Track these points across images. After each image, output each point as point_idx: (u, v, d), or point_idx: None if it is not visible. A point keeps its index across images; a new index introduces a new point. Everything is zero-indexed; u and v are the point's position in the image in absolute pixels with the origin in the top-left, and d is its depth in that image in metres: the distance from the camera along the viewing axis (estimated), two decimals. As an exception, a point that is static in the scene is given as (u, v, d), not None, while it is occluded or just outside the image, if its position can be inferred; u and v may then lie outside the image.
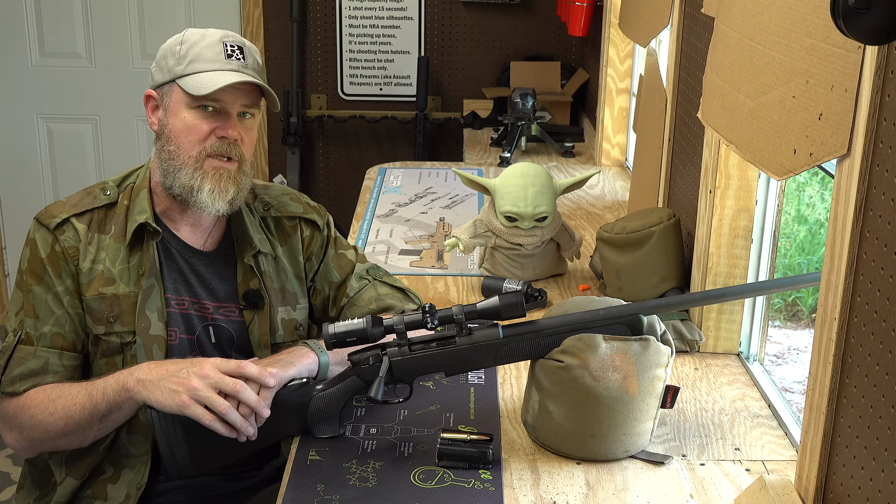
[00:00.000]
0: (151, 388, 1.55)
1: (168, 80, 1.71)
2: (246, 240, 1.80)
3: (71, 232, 1.71)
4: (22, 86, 4.55)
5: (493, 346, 1.57)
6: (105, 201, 1.75)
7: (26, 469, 1.82)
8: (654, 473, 1.54)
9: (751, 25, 1.55)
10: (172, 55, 1.72)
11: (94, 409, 1.62)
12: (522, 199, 2.20)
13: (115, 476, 1.74)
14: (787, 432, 1.67)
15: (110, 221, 1.74)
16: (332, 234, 1.93)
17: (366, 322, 1.56)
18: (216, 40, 1.71)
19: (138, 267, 1.72)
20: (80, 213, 1.73)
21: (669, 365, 1.56)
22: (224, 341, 1.80)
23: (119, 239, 1.73)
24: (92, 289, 1.71)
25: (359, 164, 4.60)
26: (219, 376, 1.53)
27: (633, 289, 2.08)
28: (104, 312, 1.70)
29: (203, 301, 1.78)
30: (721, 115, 1.69)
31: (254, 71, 1.72)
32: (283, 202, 1.89)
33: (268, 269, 1.83)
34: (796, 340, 4.17)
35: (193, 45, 1.71)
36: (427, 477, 1.51)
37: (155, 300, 1.72)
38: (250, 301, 1.80)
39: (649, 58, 2.62)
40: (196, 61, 1.69)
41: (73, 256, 1.71)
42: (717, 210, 1.91)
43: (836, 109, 1.21)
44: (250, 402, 1.54)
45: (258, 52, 1.77)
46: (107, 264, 1.71)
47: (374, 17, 4.48)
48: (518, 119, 3.54)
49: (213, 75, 1.67)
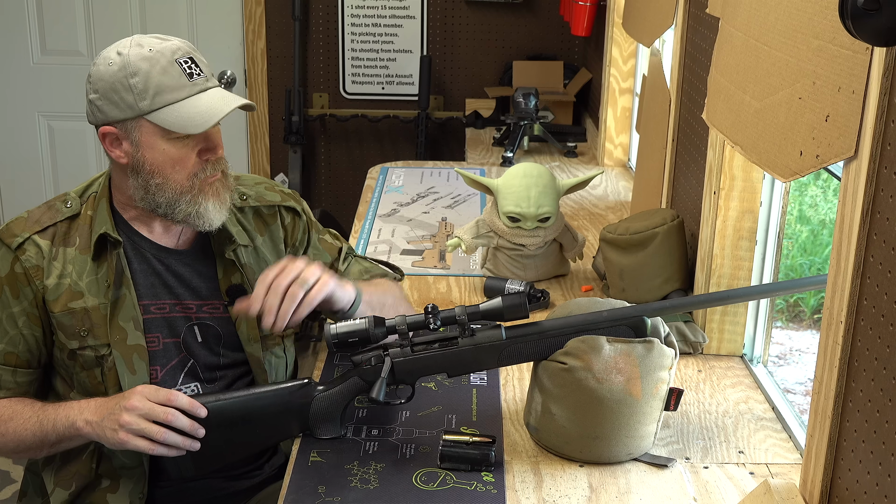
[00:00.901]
0: (97, 429, 1.59)
1: (131, 116, 1.61)
2: (224, 234, 1.76)
3: (33, 250, 1.67)
4: (23, 83, 4.54)
5: (496, 348, 1.57)
6: (67, 213, 1.71)
7: (27, 477, 1.82)
8: (658, 476, 1.53)
9: (757, 26, 1.54)
10: (127, 90, 1.60)
11: (43, 437, 1.64)
12: (525, 200, 2.20)
13: (114, 486, 1.72)
14: (792, 435, 1.66)
15: (74, 233, 1.70)
16: (310, 218, 1.92)
17: (368, 322, 1.55)
18: (169, 62, 1.61)
19: (105, 278, 1.68)
20: (43, 229, 1.69)
21: (673, 367, 1.55)
22: (211, 339, 1.77)
23: (84, 251, 1.69)
24: (60, 304, 1.67)
25: (360, 163, 4.59)
26: (148, 406, 1.54)
27: (637, 290, 2.07)
28: (75, 327, 1.67)
29: (185, 301, 1.76)
30: (726, 116, 1.68)
31: (211, 76, 1.66)
32: (260, 192, 1.86)
33: (248, 261, 1.80)
34: (798, 341, 4.16)
35: (148, 74, 1.59)
36: (429, 479, 1.50)
37: (128, 310, 1.69)
38: (234, 296, 1.76)
39: (653, 58, 2.61)
40: (161, 93, 1.60)
41: (36, 276, 1.67)
42: (721, 211, 1.90)
43: (844, 111, 1.20)
44: (185, 428, 1.56)
45: (200, 53, 1.68)
46: (73, 278, 1.68)
47: (376, 15, 4.47)
48: (520, 119, 3.53)
49: (189, 105, 1.61)
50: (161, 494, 1.77)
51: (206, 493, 1.79)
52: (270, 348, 1.82)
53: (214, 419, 1.58)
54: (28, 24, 4.47)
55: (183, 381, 1.75)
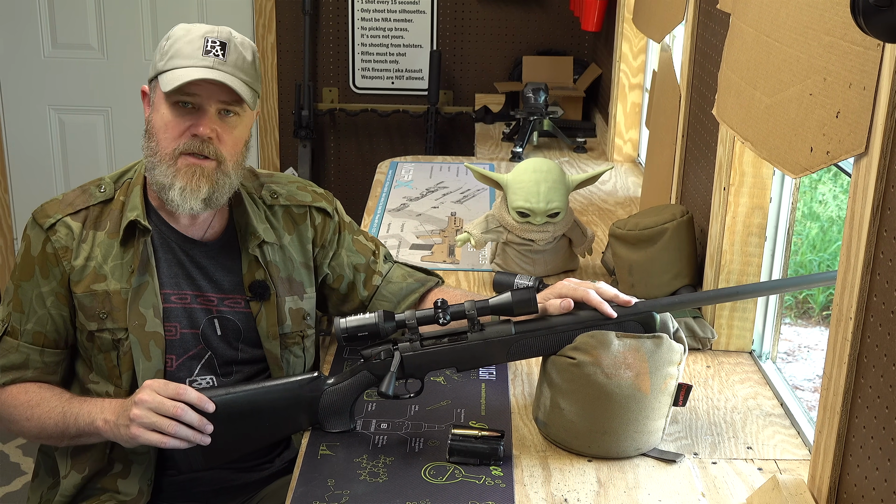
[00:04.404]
0: (114, 429, 1.62)
1: (153, 75, 1.69)
2: (250, 230, 1.78)
3: (64, 231, 1.71)
4: (34, 77, 4.56)
5: (505, 343, 1.57)
6: (101, 198, 1.74)
7: (39, 458, 1.84)
8: (666, 472, 1.54)
9: (768, 22, 1.54)
10: (159, 50, 1.69)
11: (65, 429, 1.68)
12: (535, 195, 2.20)
13: (125, 471, 1.74)
14: (800, 431, 1.66)
15: (106, 218, 1.73)
16: (343, 218, 1.93)
17: (377, 317, 1.55)
18: (199, 35, 1.66)
19: (130, 264, 1.71)
20: (75, 211, 1.73)
21: (682, 363, 1.55)
22: (230, 333, 1.78)
23: (113, 235, 1.72)
24: (83, 285, 1.70)
25: (370, 157, 4.60)
26: (158, 400, 1.56)
27: (646, 286, 2.07)
28: (95, 309, 1.70)
29: (207, 293, 1.77)
30: (737, 111, 1.68)
31: (235, 68, 1.65)
32: (292, 191, 1.87)
33: (273, 259, 1.81)
34: (806, 338, 4.15)
35: (177, 40, 1.67)
36: (438, 473, 1.51)
37: (150, 297, 1.71)
38: (256, 292, 1.78)
39: (663, 53, 2.61)
40: (175, 57, 1.65)
41: (65, 256, 1.70)
42: (730, 207, 1.90)
43: (854, 107, 1.20)
44: (193, 423, 1.57)
45: (250, 49, 1.70)
46: (99, 260, 1.70)
47: (386, 10, 4.48)
48: (530, 114, 3.53)
49: (183, 72, 1.63)
50: (170, 483, 1.78)
51: (215, 484, 1.81)
52: (289, 347, 1.83)
53: (224, 412, 1.59)
54: (39, 17, 4.49)
55: (199, 373, 1.76)
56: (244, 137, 1.73)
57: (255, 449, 1.71)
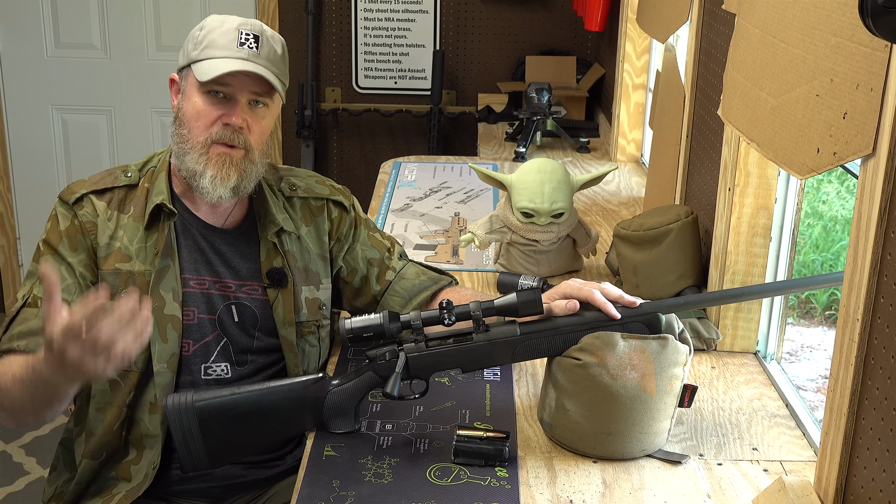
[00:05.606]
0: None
1: (185, 64, 1.74)
2: (269, 218, 1.82)
3: (90, 207, 1.74)
4: (37, 77, 4.56)
5: (511, 343, 1.57)
6: (125, 182, 1.77)
7: (59, 451, 1.84)
8: (671, 473, 1.53)
9: (774, 22, 1.54)
10: (192, 40, 1.73)
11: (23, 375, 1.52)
12: (539, 196, 2.20)
13: (138, 458, 1.75)
14: (805, 432, 1.66)
15: (130, 202, 1.76)
16: (360, 214, 1.97)
17: (382, 317, 1.55)
18: (233, 27, 1.71)
19: (154, 247, 1.74)
20: (100, 190, 1.76)
21: (687, 364, 1.55)
22: (247, 320, 1.80)
23: (138, 219, 1.75)
24: (108, 263, 1.73)
25: (373, 157, 4.60)
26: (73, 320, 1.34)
27: (650, 286, 2.07)
28: (118, 287, 1.72)
29: (225, 280, 1.79)
30: (742, 112, 1.68)
31: (267, 61, 1.72)
32: (310, 184, 1.92)
33: (291, 248, 1.84)
34: (809, 338, 4.15)
35: (211, 30, 1.72)
36: (443, 474, 1.50)
37: (170, 281, 1.73)
38: (274, 279, 1.81)
39: (667, 54, 2.61)
40: (210, 47, 1.70)
41: (91, 231, 1.73)
42: (735, 208, 1.89)
43: (862, 108, 1.20)
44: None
45: (280, 42, 1.77)
46: (124, 242, 1.73)
47: (389, 10, 4.47)
48: (533, 114, 3.53)
49: (219, 62, 1.68)
50: (181, 478, 1.78)
51: (226, 480, 1.81)
52: (305, 335, 1.85)
53: (228, 413, 1.59)
54: (42, 17, 4.49)
55: (215, 359, 1.78)
56: (270, 127, 1.78)
57: (260, 450, 1.71)
